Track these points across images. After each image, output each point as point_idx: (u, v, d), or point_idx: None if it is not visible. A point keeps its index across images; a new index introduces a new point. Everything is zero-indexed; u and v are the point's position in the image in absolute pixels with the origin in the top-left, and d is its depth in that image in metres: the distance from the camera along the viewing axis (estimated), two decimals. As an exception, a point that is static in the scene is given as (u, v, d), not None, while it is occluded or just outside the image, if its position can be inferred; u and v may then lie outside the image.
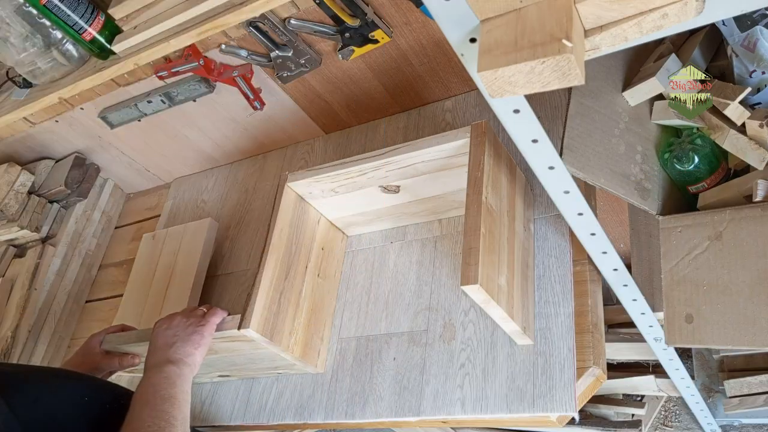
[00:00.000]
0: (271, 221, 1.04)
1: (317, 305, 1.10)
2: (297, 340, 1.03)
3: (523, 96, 0.64)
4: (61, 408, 0.80)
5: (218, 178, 1.55)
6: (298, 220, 1.09)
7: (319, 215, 1.14)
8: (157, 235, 1.43)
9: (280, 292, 1.02)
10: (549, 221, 1.01)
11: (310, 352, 1.06)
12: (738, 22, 0.86)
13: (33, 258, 1.50)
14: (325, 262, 1.14)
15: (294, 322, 1.03)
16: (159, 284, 1.33)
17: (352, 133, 1.39)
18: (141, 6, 1.18)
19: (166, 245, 1.39)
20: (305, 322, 1.06)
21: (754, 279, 0.81)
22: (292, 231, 1.07)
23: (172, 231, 1.41)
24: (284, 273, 1.04)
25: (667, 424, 1.64)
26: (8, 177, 1.52)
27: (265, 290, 0.99)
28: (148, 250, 1.42)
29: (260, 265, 1.00)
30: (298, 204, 1.09)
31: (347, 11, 1.09)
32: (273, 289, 1.01)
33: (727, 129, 0.88)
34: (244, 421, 1.12)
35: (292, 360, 1.03)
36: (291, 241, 1.06)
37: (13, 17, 1.24)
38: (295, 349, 1.03)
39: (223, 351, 1.03)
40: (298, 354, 1.03)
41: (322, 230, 1.15)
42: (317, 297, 1.11)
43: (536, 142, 0.71)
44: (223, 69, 1.26)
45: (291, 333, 1.02)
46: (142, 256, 1.42)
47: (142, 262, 1.41)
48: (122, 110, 1.39)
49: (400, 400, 0.98)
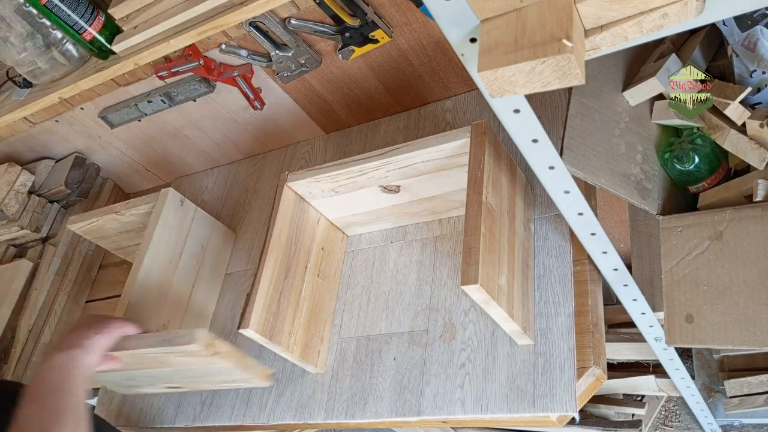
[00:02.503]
0: (271, 221, 1.04)
1: (317, 305, 1.10)
2: (297, 340, 1.03)
3: (523, 96, 0.64)
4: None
5: (218, 178, 1.55)
6: (297, 220, 1.09)
7: (319, 215, 1.14)
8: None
9: (280, 292, 1.02)
10: (549, 221, 1.01)
11: (310, 352, 1.06)
12: (738, 22, 0.86)
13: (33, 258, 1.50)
14: (324, 262, 1.14)
15: (294, 322, 1.03)
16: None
17: (352, 133, 1.39)
18: (141, 6, 1.18)
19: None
20: (305, 322, 1.06)
21: (755, 279, 0.81)
22: (292, 231, 1.07)
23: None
24: (284, 273, 1.04)
25: (668, 424, 1.64)
26: (8, 177, 1.52)
27: (265, 290, 0.99)
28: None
29: (259, 265, 1.00)
30: (297, 204, 1.09)
31: (347, 11, 1.09)
32: (272, 289, 1.01)
33: (728, 129, 0.88)
34: (244, 421, 1.12)
35: (291, 360, 1.03)
36: (290, 241, 1.06)
37: (13, 17, 1.24)
38: (295, 349, 1.03)
39: (178, 365, 1.00)
40: (298, 354, 1.03)
41: (321, 230, 1.15)
42: (317, 297, 1.11)
43: (536, 141, 0.71)
44: (223, 69, 1.26)
45: (291, 333, 1.02)
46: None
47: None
48: (122, 110, 1.39)
49: (400, 400, 0.98)
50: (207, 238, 1.29)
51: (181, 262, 1.20)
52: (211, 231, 1.31)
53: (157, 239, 1.15)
